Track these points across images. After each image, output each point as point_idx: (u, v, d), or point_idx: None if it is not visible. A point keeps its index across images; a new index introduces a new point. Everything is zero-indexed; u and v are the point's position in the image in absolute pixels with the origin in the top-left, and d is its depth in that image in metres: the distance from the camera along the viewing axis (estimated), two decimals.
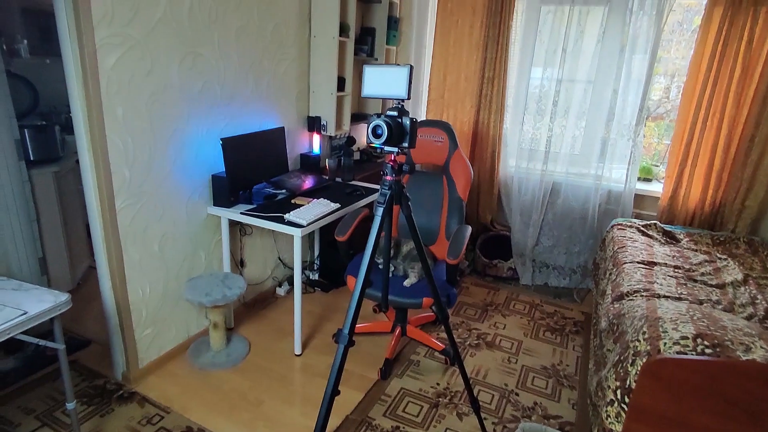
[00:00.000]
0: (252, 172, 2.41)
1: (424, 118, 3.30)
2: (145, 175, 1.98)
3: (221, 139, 2.18)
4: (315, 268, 3.14)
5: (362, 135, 3.54)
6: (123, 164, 1.88)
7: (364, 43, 3.22)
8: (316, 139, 3.00)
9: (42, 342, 1.46)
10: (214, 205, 2.33)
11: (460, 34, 3.15)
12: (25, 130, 2.41)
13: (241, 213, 2.26)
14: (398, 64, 1.09)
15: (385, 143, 1.12)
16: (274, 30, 2.53)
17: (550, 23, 2.97)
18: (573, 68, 2.97)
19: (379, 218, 1.17)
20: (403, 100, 1.14)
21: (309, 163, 2.93)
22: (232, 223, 2.46)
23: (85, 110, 1.71)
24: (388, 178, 1.20)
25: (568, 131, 3.08)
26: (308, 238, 3.18)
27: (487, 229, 3.42)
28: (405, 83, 1.10)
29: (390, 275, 2.28)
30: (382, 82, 1.12)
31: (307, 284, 3.06)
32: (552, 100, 3.05)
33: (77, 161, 1.88)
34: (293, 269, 2.23)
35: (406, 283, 2.20)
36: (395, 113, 1.14)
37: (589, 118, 3.02)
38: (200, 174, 2.26)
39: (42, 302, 1.46)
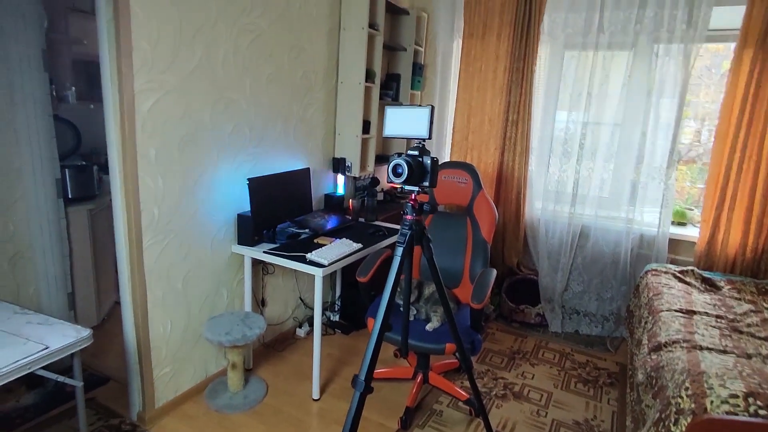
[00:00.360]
0: (276, 212, 2.44)
1: (448, 160, 3.31)
2: (173, 214, 2.03)
3: (248, 179, 2.23)
4: (336, 309, 3.09)
5: (386, 176, 3.57)
6: (152, 203, 1.93)
7: (390, 88, 3.31)
8: (341, 179, 3.04)
9: (60, 378, 1.46)
10: (239, 243, 2.35)
11: (483, 78, 3.20)
12: (66, 170, 2.53)
13: (264, 252, 2.27)
14: (419, 105, 1.10)
15: (406, 182, 1.11)
16: (303, 76, 2.64)
17: (574, 67, 2.99)
18: (599, 111, 2.95)
19: (399, 258, 1.14)
20: (424, 140, 1.14)
21: (333, 203, 2.96)
22: (255, 262, 2.47)
23: (120, 151, 1.79)
24: (409, 217, 1.18)
25: (596, 173, 3.02)
26: (330, 279, 3.16)
27: (513, 272, 3.32)
28: (426, 123, 1.10)
29: (411, 318, 2.22)
30: (403, 122, 1.13)
31: (328, 326, 3.01)
32: (578, 142, 3.02)
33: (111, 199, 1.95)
34: (314, 310, 2.21)
35: (429, 327, 2.13)
36: (416, 152, 1.14)
37: (617, 160, 2.96)
38: (226, 213, 2.30)
39: (64, 337, 1.47)
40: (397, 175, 1.11)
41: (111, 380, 2.38)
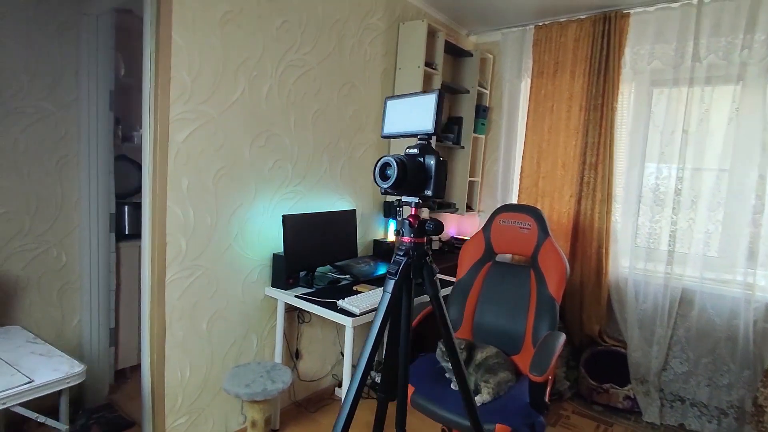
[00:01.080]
0: (315, 254, 2.25)
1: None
2: (202, 248, 1.93)
3: (282, 216, 2.09)
4: (381, 369, 2.75)
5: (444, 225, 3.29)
6: (180, 235, 1.85)
7: (451, 132, 3.12)
8: (392, 225, 2.82)
9: (41, 418, 1.32)
10: (272, 285, 2.19)
11: (555, 119, 2.89)
12: (125, 207, 2.61)
13: (295, 296, 2.07)
14: (425, 92, 0.86)
15: (396, 187, 0.84)
16: (353, 115, 2.54)
17: (665, 103, 2.58)
18: (698, 151, 2.47)
19: (389, 296, 0.86)
20: (429, 136, 0.88)
21: (382, 249, 2.72)
22: (290, 308, 2.27)
23: (151, 178, 1.75)
24: (406, 239, 0.90)
25: (699, 226, 2.49)
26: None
27: (595, 342, 2.77)
28: (432, 114, 0.84)
29: (455, 388, 1.84)
30: (405, 115, 0.88)
31: (371, 388, 2.67)
32: (674, 188, 2.53)
33: None
34: (353, 366, 1.93)
35: (477, 400, 1.73)
36: (416, 150, 0.87)
37: (727, 210, 2.42)
38: (262, 252, 2.17)
39: (54, 372, 1.35)
40: (384, 177, 0.84)
41: (136, 425, 2.24)
